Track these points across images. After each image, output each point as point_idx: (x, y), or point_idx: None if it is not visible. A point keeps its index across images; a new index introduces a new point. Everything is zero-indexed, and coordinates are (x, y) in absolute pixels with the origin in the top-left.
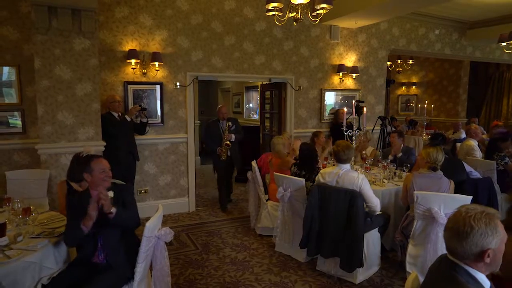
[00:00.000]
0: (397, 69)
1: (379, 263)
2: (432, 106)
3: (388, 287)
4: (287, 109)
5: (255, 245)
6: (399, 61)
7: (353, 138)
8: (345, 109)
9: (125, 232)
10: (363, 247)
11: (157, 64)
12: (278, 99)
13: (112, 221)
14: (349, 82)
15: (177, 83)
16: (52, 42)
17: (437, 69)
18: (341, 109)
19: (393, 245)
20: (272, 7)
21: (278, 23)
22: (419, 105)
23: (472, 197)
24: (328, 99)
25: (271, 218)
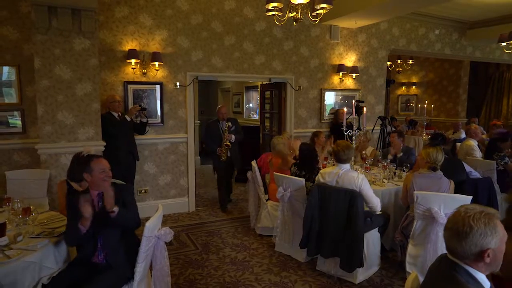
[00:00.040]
0: (397, 69)
1: (379, 263)
2: (432, 106)
3: (388, 287)
4: (287, 109)
5: (255, 245)
6: (399, 61)
7: (353, 138)
8: (345, 109)
9: (125, 232)
10: (363, 247)
11: (157, 64)
12: (278, 99)
13: (113, 220)
14: (349, 82)
15: (177, 83)
16: (52, 42)
17: (437, 69)
18: (341, 109)
19: (393, 245)
20: (272, 7)
21: (278, 23)
22: (419, 105)
23: (472, 197)
24: (328, 99)
25: (271, 218)
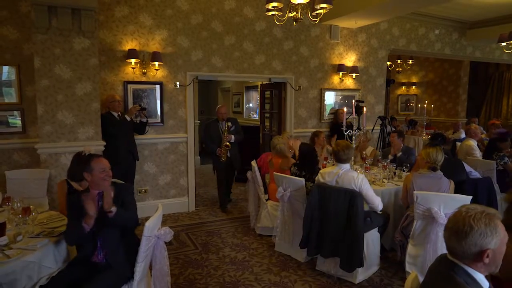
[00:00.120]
0: (397, 69)
1: (379, 263)
2: (432, 106)
3: (387, 287)
4: (287, 109)
5: (255, 245)
6: (399, 61)
7: (353, 138)
8: (345, 109)
9: (124, 231)
10: (363, 247)
11: (157, 63)
12: (278, 99)
13: (111, 220)
14: (349, 82)
15: (177, 83)
16: (52, 41)
17: (437, 69)
18: (341, 109)
19: (392, 245)
20: (272, 7)
21: (278, 23)
22: (419, 105)
23: (472, 197)
24: (328, 99)
25: (270, 218)
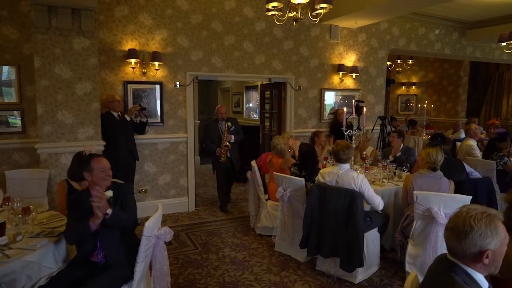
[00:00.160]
0: (397, 69)
1: (379, 263)
2: (431, 106)
3: (387, 287)
4: (287, 108)
5: (255, 245)
6: (399, 61)
7: (353, 138)
8: (345, 109)
9: (124, 231)
10: (363, 247)
11: (157, 63)
12: (278, 98)
13: (107, 222)
14: (349, 82)
15: (176, 83)
16: (52, 41)
17: (437, 69)
18: (341, 109)
19: (392, 245)
20: (272, 7)
21: (278, 22)
22: (419, 105)
23: (471, 197)
24: (328, 98)
25: (270, 218)
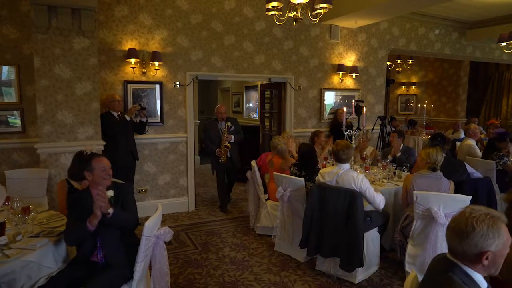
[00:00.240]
0: (397, 69)
1: (379, 263)
2: (431, 106)
3: (387, 287)
4: (286, 108)
5: (255, 245)
6: (399, 61)
7: (353, 138)
8: (345, 109)
9: (124, 231)
10: (363, 247)
11: (156, 63)
12: (277, 98)
13: (109, 221)
14: (349, 81)
15: (176, 83)
16: (51, 41)
17: (437, 69)
18: (341, 108)
19: (392, 245)
20: (271, 7)
21: (277, 22)
22: (419, 105)
23: (471, 197)
24: (327, 98)
25: (270, 217)
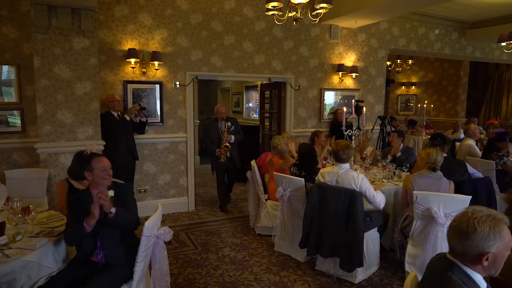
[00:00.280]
0: (397, 69)
1: (378, 263)
2: (431, 106)
3: (387, 287)
4: (286, 108)
5: (255, 245)
6: (399, 61)
7: (353, 137)
8: (345, 109)
9: (124, 231)
10: (362, 247)
11: (156, 63)
12: (277, 98)
13: (111, 221)
14: (349, 81)
15: (176, 83)
16: (51, 41)
17: (437, 69)
18: (341, 108)
19: (392, 245)
20: (271, 7)
21: (277, 22)
22: (419, 105)
23: (471, 197)
24: (327, 98)
25: (270, 217)
